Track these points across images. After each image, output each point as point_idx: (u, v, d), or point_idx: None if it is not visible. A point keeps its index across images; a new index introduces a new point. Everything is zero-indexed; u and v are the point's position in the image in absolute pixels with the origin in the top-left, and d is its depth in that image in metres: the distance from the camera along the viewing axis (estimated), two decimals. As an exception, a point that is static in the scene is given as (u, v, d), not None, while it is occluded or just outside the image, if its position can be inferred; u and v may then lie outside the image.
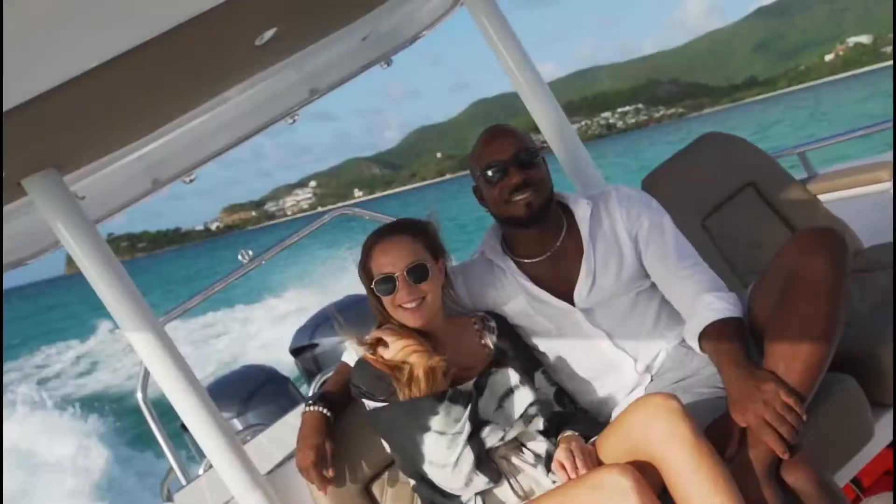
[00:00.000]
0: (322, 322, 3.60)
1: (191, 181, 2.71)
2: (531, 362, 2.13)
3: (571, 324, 2.13)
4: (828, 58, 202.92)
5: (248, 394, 3.39)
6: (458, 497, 1.92)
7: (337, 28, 2.31)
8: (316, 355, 3.53)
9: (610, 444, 1.79)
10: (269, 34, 1.76)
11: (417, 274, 1.98)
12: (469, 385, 1.95)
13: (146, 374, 2.64)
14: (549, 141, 2.78)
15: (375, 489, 2.11)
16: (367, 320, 2.09)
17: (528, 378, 2.06)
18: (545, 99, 2.74)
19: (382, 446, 2.07)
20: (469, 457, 1.87)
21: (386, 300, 2.01)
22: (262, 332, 17.17)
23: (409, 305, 1.99)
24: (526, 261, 2.20)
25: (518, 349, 2.12)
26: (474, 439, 1.89)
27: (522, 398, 1.98)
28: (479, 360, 2.07)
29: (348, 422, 2.10)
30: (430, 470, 1.92)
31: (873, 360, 1.99)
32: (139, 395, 2.62)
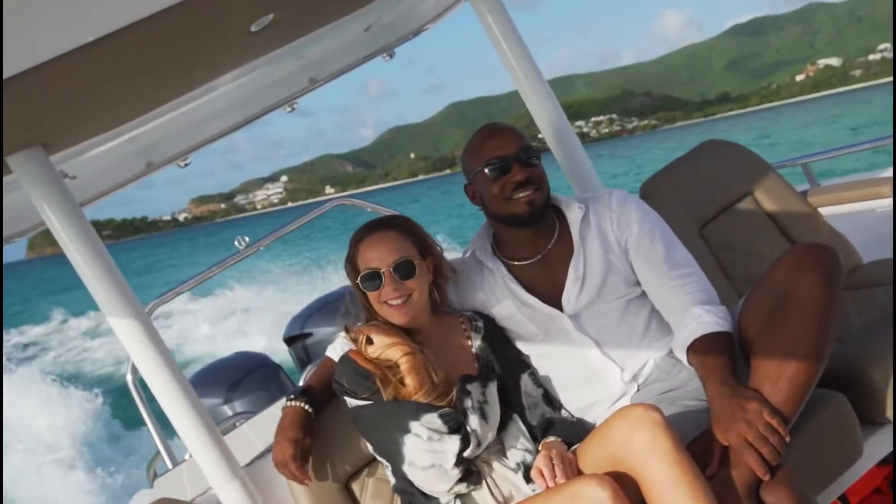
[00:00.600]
0: (315, 312, 3.56)
1: (185, 165, 2.68)
2: (518, 364, 2.10)
3: (559, 329, 2.10)
4: (799, 78, 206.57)
5: (237, 380, 3.34)
6: (437, 498, 1.90)
7: (337, 17, 2.28)
8: (307, 345, 3.49)
9: (590, 454, 1.77)
10: (265, 20, 1.73)
11: (404, 270, 1.96)
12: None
13: None
14: (548, 141, 2.75)
15: (355, 487, 2.09)
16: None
17: (513, 382, 2.04)
18: (546, 98, 2.70)
19: (363, 444, 2.05)
20: (450, 460, 1.85)
21: (371, 296, 1.99)
22: (202, 327, 17.01)
23: (394, 302, 1.97)
24: (516, 263, 2.17)
25: (505, 351, 2.10)
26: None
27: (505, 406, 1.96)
28: (465, 359, 2.05)
29: (329, 418, 2.07)
30: (409, 470, 1.90)
31: (866, 377, 1.96)
32: (129, 378, 2.57)
